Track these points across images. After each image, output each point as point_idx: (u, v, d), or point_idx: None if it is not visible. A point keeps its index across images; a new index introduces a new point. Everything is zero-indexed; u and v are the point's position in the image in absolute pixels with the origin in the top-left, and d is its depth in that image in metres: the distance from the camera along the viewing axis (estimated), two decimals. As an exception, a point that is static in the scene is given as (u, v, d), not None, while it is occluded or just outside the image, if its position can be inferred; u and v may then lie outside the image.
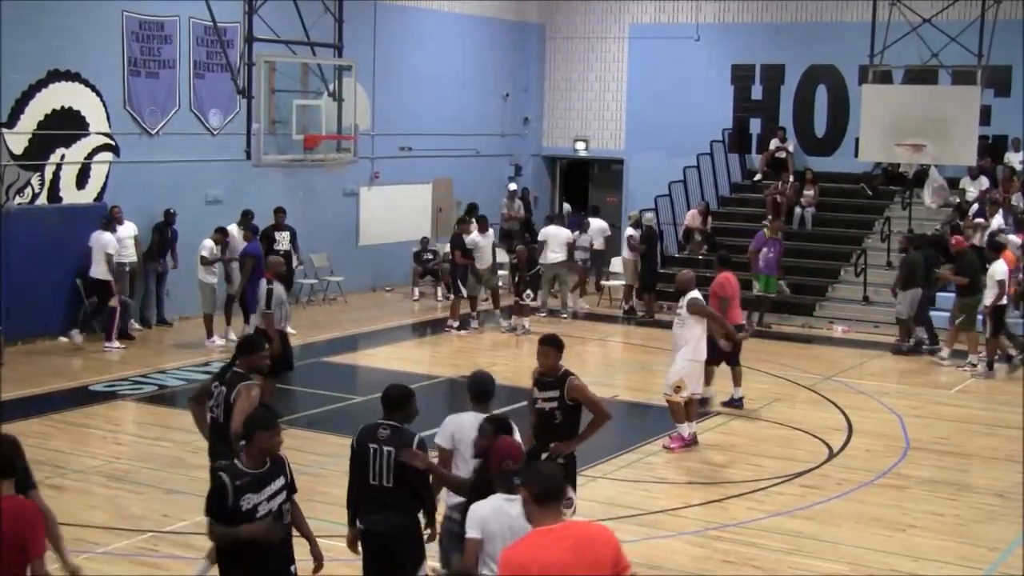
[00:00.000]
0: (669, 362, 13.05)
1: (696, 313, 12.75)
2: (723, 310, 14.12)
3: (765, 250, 19.69)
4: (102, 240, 17.26)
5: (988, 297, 16.80)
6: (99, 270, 17.26)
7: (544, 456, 8.62)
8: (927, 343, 18.47)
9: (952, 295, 18.30)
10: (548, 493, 4.90)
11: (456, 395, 13.46)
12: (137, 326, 18.41)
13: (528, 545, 4.84)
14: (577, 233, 21.87)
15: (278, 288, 13.06)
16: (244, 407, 7.69)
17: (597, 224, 22.89)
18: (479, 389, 7.82)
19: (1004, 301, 16.87)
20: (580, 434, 8.95)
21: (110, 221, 17.54)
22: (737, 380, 14.61)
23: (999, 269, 16.74)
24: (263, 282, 13.14)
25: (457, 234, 20.32)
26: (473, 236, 19.73)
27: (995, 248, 17.35)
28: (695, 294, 12.87)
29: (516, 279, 19.64)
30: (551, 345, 8.96)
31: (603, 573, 4.82)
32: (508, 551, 4.93)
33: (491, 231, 20.25)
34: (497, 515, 5.81)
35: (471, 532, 5.84)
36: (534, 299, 19.73)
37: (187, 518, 10.14)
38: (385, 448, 7.22)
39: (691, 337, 12.76)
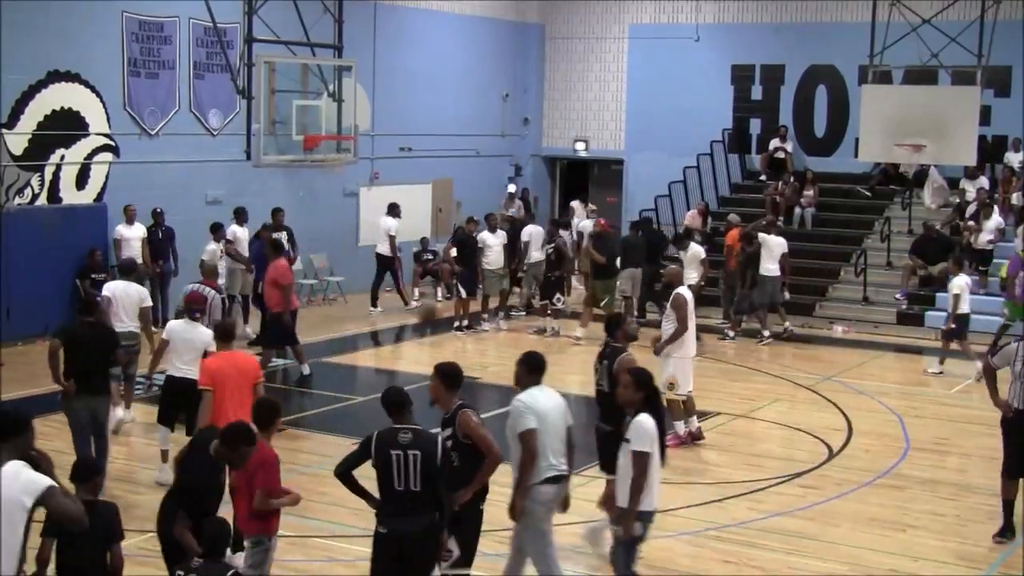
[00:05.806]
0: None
1: (675, 310, 12.72)
2: (286, 298, 14.98)
3: (1023, 274, 17.63)
4: (387, 223, 20.89)
5: (692, 277, 17.45)
6: (383, 247, 21.00)
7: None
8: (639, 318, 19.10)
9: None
10: (227, 335, 10.27)
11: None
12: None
13: (218, 358, 10.00)
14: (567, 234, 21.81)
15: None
16: None
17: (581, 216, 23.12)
18: (188, 306, 11.92)
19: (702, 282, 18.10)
20: (473, 481, 7.61)
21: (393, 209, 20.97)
22: (299, 358, 15.70)
23: (699, 250, 18.23)
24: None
25: (468, 233, 20.02)
26: (483, 235, 19.66)
27: (688, 236, 19.11)
28: (680, 290, 12.85)
29: (554, 278, 19.36)
30: (438, 375, 7.79)
31: (248, 377, 9.79)
32: (205, 361, 10.14)
33: (501, 232, 20.05)
34: (180, 332, 11.36)
35: (165, 333, 11.61)
36: (563, 302, 19.64)
37: (187, 518, 10.12)
38: (410, 452, 7.28)
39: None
